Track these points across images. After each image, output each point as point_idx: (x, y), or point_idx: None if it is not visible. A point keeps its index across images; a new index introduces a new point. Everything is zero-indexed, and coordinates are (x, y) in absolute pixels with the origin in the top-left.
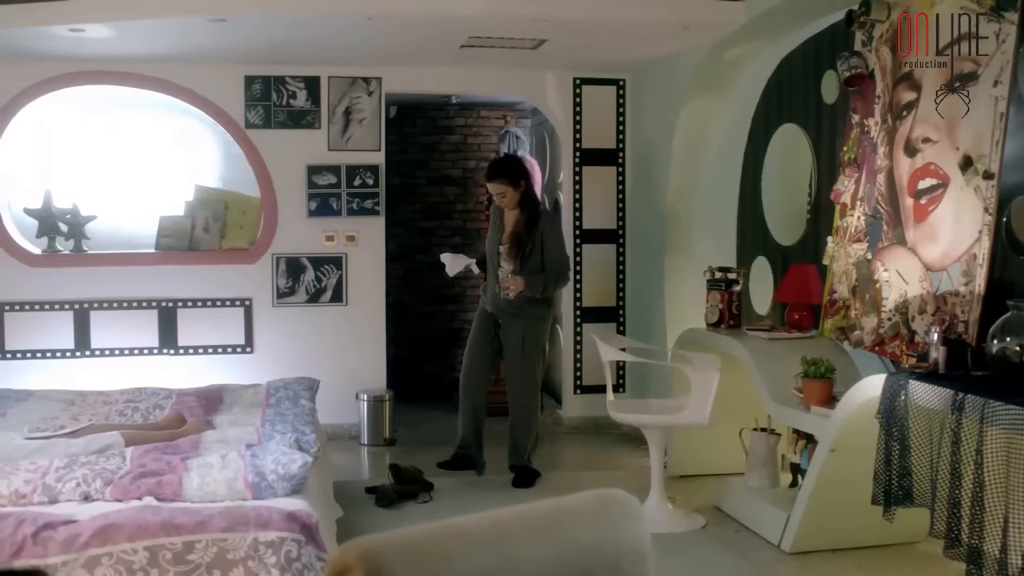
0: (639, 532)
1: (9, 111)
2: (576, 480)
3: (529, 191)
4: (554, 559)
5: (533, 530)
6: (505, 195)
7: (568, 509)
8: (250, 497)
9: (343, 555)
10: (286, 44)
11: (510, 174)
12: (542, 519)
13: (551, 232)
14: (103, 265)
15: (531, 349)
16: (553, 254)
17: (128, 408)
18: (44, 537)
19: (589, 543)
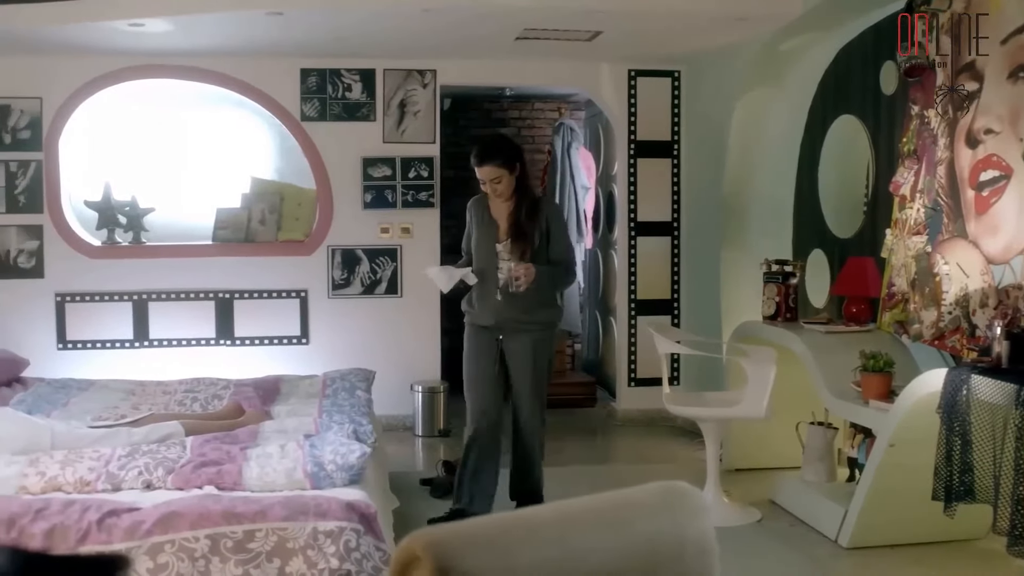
0: (703, 524)
1: (70, 105)
2: (631, 473)
3: (524, 176)
4: (618, 550)
5: (598, 521)
6: (501, 180)
7: (632, 501)
8: (309, 487)
9: (410, 546)
10: (342, 37)
11: (505, 156)
12: (606, 510)
13: (558, 220)
14: (161, 257)
15: (542, 364)
16: (561, 245)
17: (187, 398)
18: (108, 524)
19: (653, 534)
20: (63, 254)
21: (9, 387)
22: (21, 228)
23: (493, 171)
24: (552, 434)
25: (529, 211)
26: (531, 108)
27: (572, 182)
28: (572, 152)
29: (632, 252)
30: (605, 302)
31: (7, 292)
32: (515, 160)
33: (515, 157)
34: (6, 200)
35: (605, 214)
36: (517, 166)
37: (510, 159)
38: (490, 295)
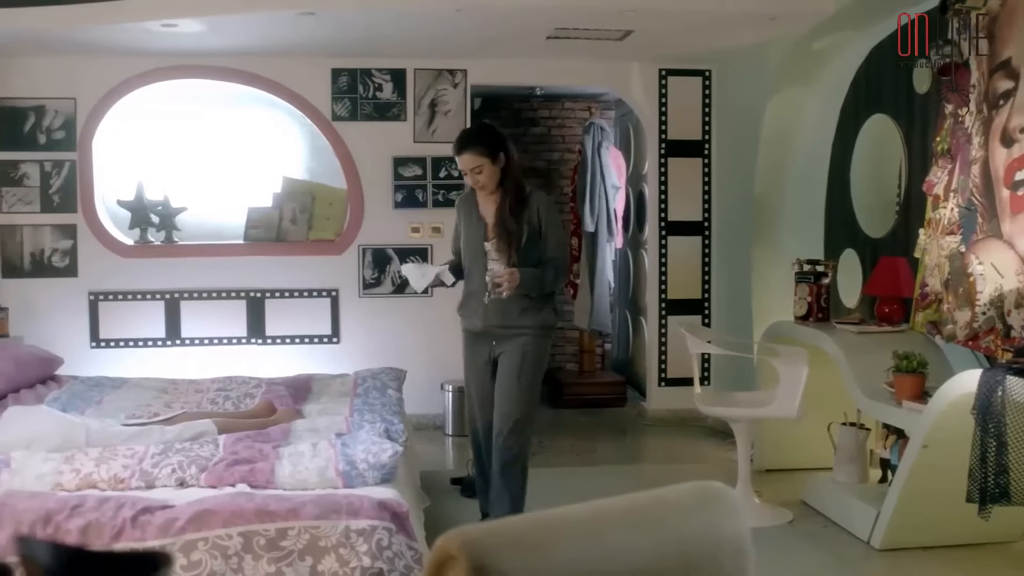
0: (738, 525)
1: (104, 106)
2: (662, 473)
3: (511, 167)
4: (653, 550)
5: (632, 521)
6: (481, 170)
7: (667, 500)
8: (341, 485)
9: (445, 544)
10: (373, 37)
11: (485, 143)
12: (641, 510)
13: (551, 214)
14: (193, 256)
15: (532, 369)
16: (554, 242)
17: (219, 396)
18: (142, 521)
19: (688, 534)
20: (96, 253)
21: (44, 385)
22: (55, 227)
23: (472, 159)
24: (582, 434)
25: (515, 206)
26: (561, 108)
27: (603, 182)
28: (603, 152)
29: (663, 252)
30: (635, 302)
31: (42, 291)
32: (498, 149)
33: (498, 146)
34: (41, 200)
35: (635, 214)
36: (501, 156)
37: (492, 147)
38: (478, 298)
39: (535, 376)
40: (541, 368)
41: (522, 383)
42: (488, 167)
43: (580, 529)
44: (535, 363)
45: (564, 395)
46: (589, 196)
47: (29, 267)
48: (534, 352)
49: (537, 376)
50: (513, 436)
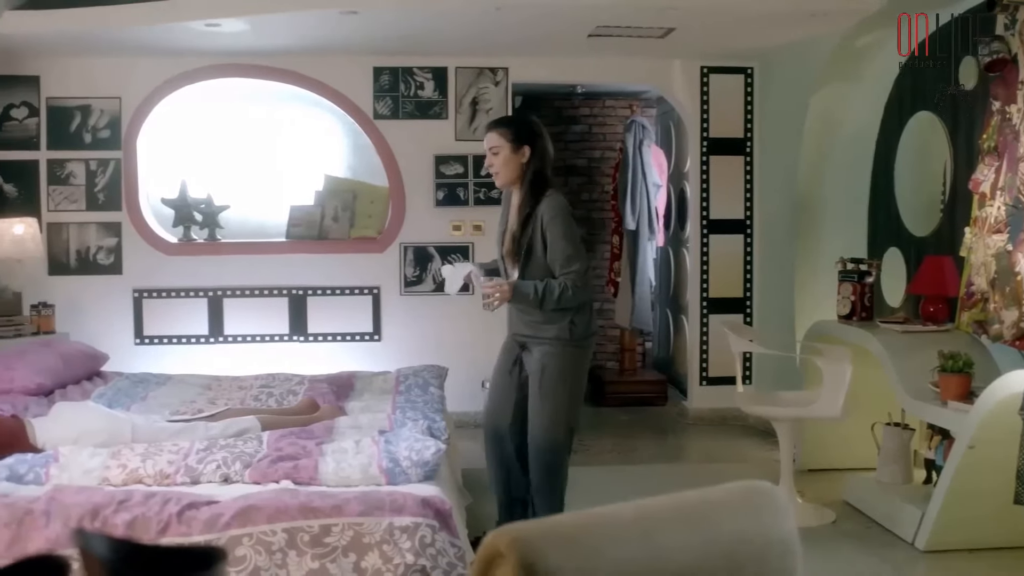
0: (786, 524)
1: (148, 105)
2: (704, 472)
3: (536, 165)
4: (701, 549)
5: (680, 520)
6: (498, 153)
7: (714, 500)
8: (384, 482)
9: (494, 542)
10: (415, 35)
11: (512, 128)
12: (689, 509)
13: (555, 223)
14: (236, 253)
15: (553, 382)
16: (559, 252)
17: (263, 393)
18: (188, 516)
19: (736, 534)
20: (141, 251)
21: (90, 381)
22: (100, 225)
23: (494, 139)
24: (623, 432)
25: (524, 211)
26: (602, 106)
27: (644, 180)
28: (644, 149)
29: (704, 250)
30: (676, 300)
31: (87, 288)
32: (524, 140)
33: (525, 137)
34: (86, 198)
35: (676, 212)
36: (525, 149)
37: (518, 136)
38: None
39: (556, 389)
40: (562, 381)
41: (545, 401)
42: (506, 153)
43: (628, 528)
44: (553, 377)
45: (605, 393)
46: (630, 194)
47: (75, 264)
48: (552, 365)
49: (558, 389)
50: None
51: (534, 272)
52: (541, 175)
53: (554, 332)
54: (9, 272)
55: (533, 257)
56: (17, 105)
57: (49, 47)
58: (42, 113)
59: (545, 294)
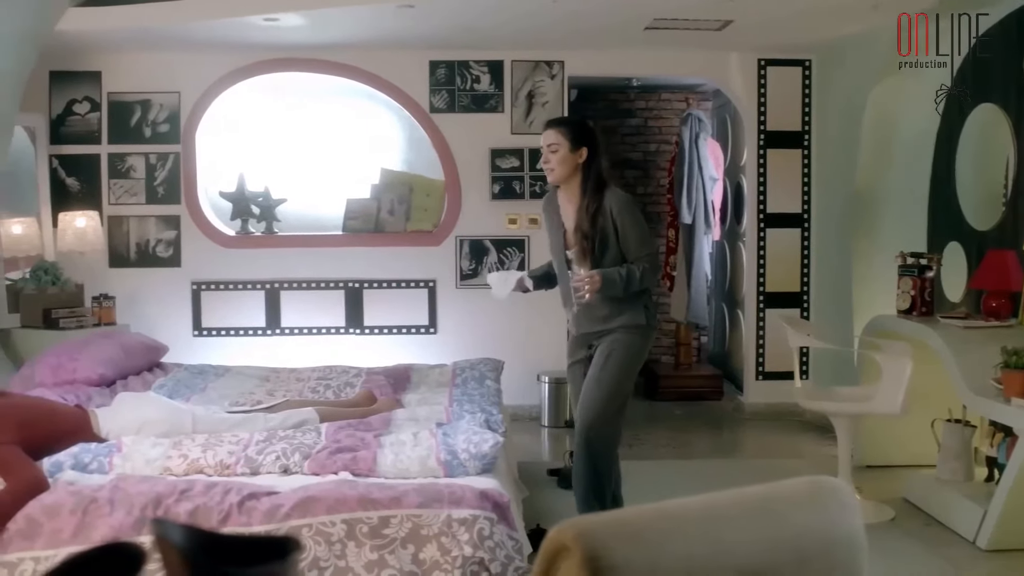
0: (853, 521)
1: (207, 99)
2: (760, 468)
3: (594, 165)
4: (766, 544)
5: (745, 514)
6: (557, 150)
7: (780, 495)
8: (442, 475)
9: (560, 536)
10: (471, 29)
11: (573, 128)
12: (754, 504)
13: (627, 213)
14: (293, 246)
15: (615, 368)
16: (634, 240)
17: (320, 385)
18: (249, 507)
19: (801, 529)
20: (199, 244)
21: (150, 372)
22: (160, 218)
23: (554, 135)
24: (678, 427)
25: (591, 209)
26: (658, 99)
27: (700, 173)
28: (700, 143)
29: (761, 244)
30: (732, 294)
31: (146, 280)
32: (582, 141)
33: (583, 138)
34: (146, 191)
35: (733, 205)
36: (584, 150)
37: (577, 136)
38: (568, 306)
39: (617, 375)
40: (625, 368)
41: (602, 382)
42: (564, 151)
43: (693, 523)
44: (619, 362)
45: (660, 388)
46: (686, 188)
47: (135, 257)
48: (621, 351)
49: (619, 375)
50: (591, 433)
51: (608, 264)
52: (598, 175)
53: (628, 319)
54: (71, 264)
55: (608, 249)
56: (79, 100)
57: (111, 43)
58: (103, 108)
59: (629, 277)
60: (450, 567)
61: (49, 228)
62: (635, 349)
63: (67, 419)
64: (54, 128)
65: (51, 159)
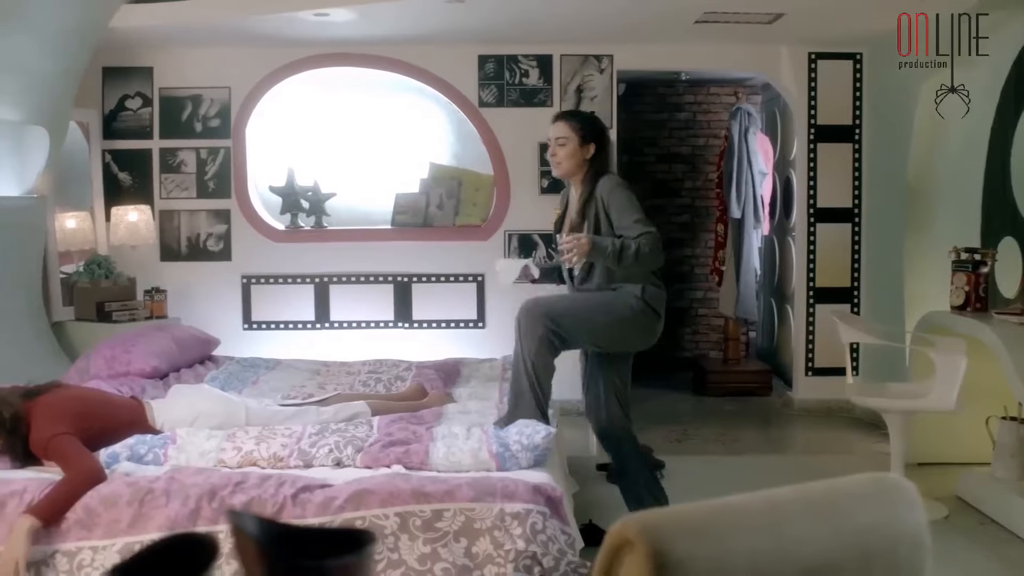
0: (917, 518)
1: (257, 94)
2: (811, 464)
3: (602, 163)
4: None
5: (809, 511)
6: (565, 144)
7: (843, 491)
8: (495, 467)
9: (623, 530)
10: (520, 23)
11: (582, 122)
12: (817, 500)
13: (612, 194)
14: (342, 241)
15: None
16: (626, 220)
17: (370, 379)
18: (302, 499)
19: (865, 526)
20: (249, 238)
21: (202, 365)
22: (210, 213)
23: (562, 128)
24: (727, 422)
25: (584, 198)
26: (706, 93)
27: (749, 168)
28: (749, 137)
29: (811, 239)
30: (781, 289)
31: (197, 274)
32: (591, 135)
33: (593, 133)
34: (197, 186)
35: (782, 200)
36: (592, 146)
37: (586, 130)
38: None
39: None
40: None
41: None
42: (573, 145)
43: (757, 518)
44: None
45: (708, 383)
46: (735, 182)
47: (186, 251)
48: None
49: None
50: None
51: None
52: (601, 172)
53: (624, 295)
54: (124, 258)
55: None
56: (132, 96)
57: (162, 39)
58: (155, 103)
59: (623, 249)
60: (503, 561)
61: (102, 222)
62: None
63: (123, 411)
64: (107, 123)
65: (104, 154)
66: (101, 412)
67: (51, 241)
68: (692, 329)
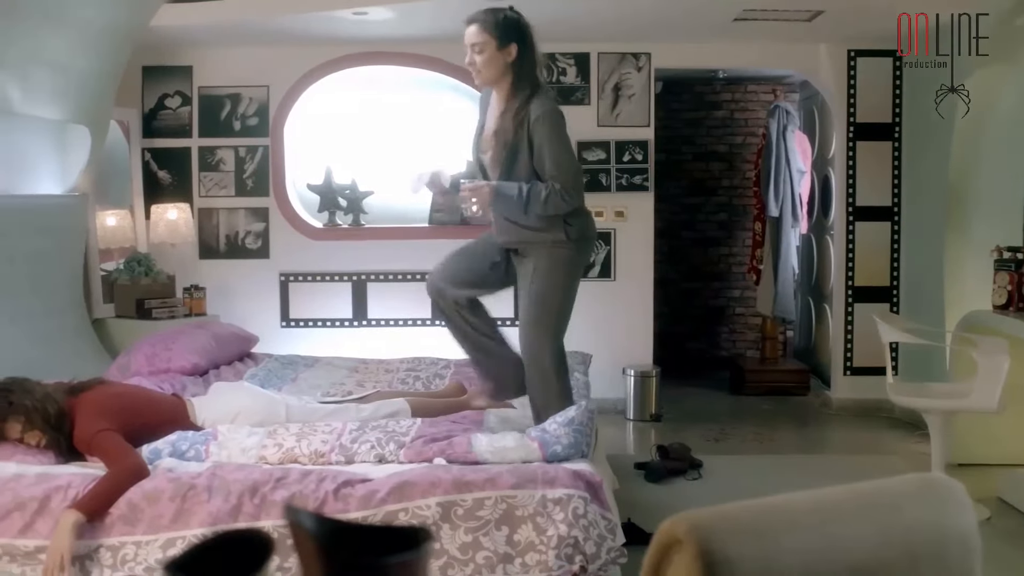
0: (967, 520)
1: (295, 92)
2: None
3: (525, 64)
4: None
5: (856, 510)
6: (483, 51)
7: (891, 491)
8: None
9: (672, 528)
10: (558, 21)
11: (497, 23)
12: (865, 500)
13: (542, 122)
14: (379, 239)
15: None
16: (548, 156)
17: (409, 376)
18: (344, 494)
19: (913, 526)
20: (287, 235)
21: (241, 362)
22: (249, 211)
23: (476, 33)
24: (765, 421)
25: (519, 114)
26: (744, 91)
27: (787, 166)
28: (788, 135)
29: (850, 237)
30: (819, 288)
31: (237, 271)
32: (510, 36)
33: (512, 33)
34: (235, 184)
35: (820, 198)
36: (512, 48)
37: (504, 31)
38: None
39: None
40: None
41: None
42: (491, 51)
43: (806, 517)
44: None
45: (746, 382)
46: (773, 181)
47: (224, 249)
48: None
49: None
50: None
51: (518, 179)
52: (531, 74)
53: (548, 236)
54: (163, 256)
55: (518, 162)
56: (171, 95)
57: (202, 38)
58: (194, 102)
59: (531, 196)
60: (544, 547)
61: (142, 220)
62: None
63: (165, 407)
64: (146, 122)
65: (143, 152)
66: (144, 409)
67: (92, 239)
68: (729, 328)
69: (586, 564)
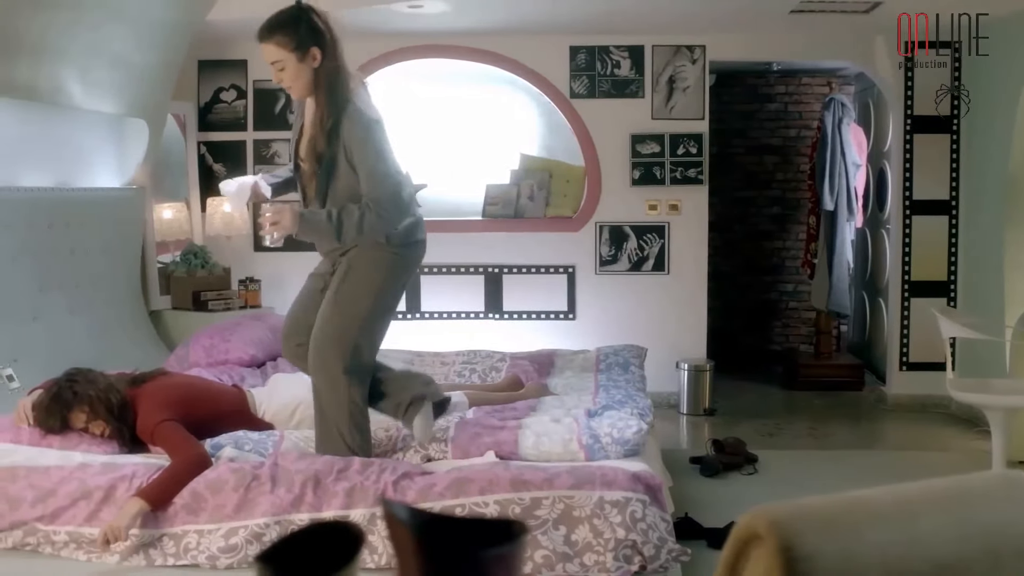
0: None
1: None
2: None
3: (330, 66)
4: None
5: (937, 507)
6: (285, 68)
7: (971, 488)
8: (583, 458)
9: (752, 523)
10: (612, 13)
11: (291, 32)
12: (945, 496)
13: (354, 138)
14: (433, 231)
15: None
16: (363, 174)
17: (465, 369)
18: (403, 486)
19: (994, 524)
20: None
21: None
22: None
23: (273, 52)
24: (819, 416)
25: (327, 124)
26: (798, 83)
27: (843, 159)
28: (843, 128)
29: (907, 232)
30: (874, 283)
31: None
32: (308, 42)
33: (309, 37)
34: None
35: (876, 192)
36: (314, 50)
37: (301, 39)
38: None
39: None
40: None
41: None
42: (293, 65)
43: (887, 513)
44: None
45: (799, 377)
46: (828, 174)
47: None
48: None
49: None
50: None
51: (340, 195)
52: (338, 78)
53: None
54: (219, 248)
55: (336, 177)
56: (226, 88)
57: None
58: (249, 95)
59: (342, 221)
60: (602, 549)
61: (198, 213)
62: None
63: (226, 398)
64: (202, 115)
65: (199, 145)
66: (205, 399)
67: (149, 231)
68: (783, 323)
69: (645, 564)
